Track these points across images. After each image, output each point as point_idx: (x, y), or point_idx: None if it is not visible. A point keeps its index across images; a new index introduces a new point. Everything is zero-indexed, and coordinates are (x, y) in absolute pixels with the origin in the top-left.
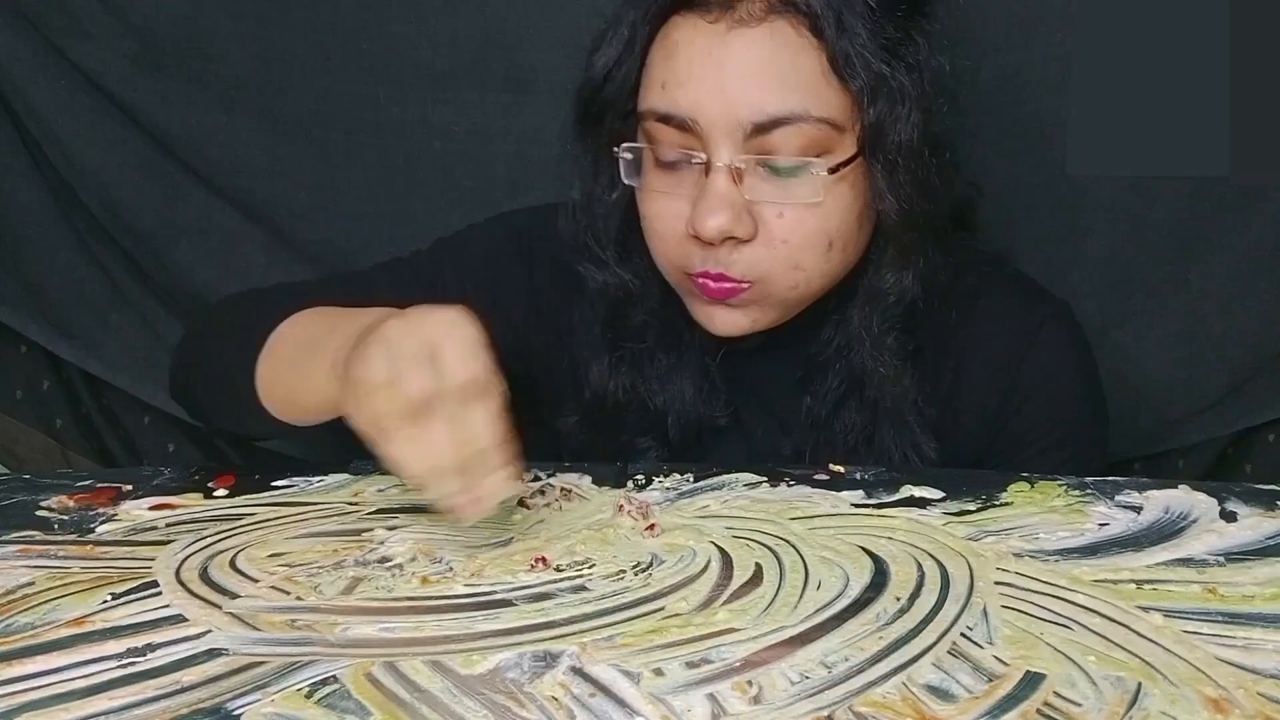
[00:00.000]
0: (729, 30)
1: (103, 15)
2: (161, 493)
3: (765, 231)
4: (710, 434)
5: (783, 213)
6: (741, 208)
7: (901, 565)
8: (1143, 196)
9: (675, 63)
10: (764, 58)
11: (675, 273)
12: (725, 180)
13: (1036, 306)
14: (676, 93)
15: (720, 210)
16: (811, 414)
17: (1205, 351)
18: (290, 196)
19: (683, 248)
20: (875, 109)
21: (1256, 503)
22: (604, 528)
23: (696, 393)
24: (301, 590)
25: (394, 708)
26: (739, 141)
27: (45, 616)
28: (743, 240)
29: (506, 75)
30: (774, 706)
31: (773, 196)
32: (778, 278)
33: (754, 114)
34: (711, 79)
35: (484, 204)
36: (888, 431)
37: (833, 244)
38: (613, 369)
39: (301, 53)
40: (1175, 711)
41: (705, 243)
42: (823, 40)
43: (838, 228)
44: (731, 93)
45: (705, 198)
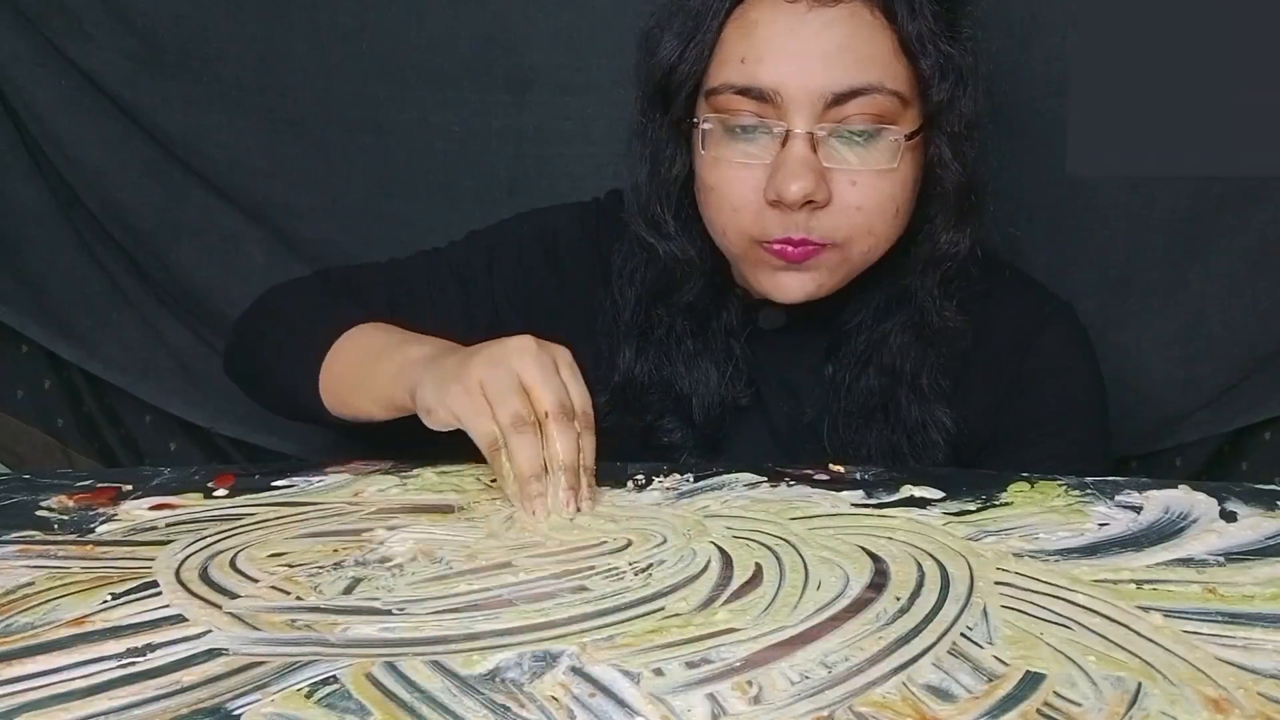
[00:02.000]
0: (808, 10)
1: (103, 15)
2: (161, 493)
3: (839, 199)
4: (732, 414)
5: (856, 180)
6: (820, 173)
7: (901, 565)
8: (1143, 196)
9: (755, 40)
10: (842, 35)
11: (744, 243)
12: (804, 147)
13: (1040, 305)
14: (758, 67)
15: (803, 175)
16: (834, 381)
17: (1203, 351)
18: (290, 196)
19: (759, 216)
20: (944, 86)
21: (1256, 503)
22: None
23: (720, 376)
24: (301, 590)
25: (394, 708)
26: (818, 112)
27: (45, 616)
28: (819, 206)
29: (506, 75)
30: (774, 706)
31: (847, 163)
32: (854, 242)
33: (834, 84)
34: (793, 53)
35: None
36: (905, 396)
37: (898, 210)
38: (640, 353)
39: (301, 53)
40: (1175, 711)
41: (784, 209)
42: (894, 23)
43: (902, 194)
44: (811, 66)
45: (787, 164)
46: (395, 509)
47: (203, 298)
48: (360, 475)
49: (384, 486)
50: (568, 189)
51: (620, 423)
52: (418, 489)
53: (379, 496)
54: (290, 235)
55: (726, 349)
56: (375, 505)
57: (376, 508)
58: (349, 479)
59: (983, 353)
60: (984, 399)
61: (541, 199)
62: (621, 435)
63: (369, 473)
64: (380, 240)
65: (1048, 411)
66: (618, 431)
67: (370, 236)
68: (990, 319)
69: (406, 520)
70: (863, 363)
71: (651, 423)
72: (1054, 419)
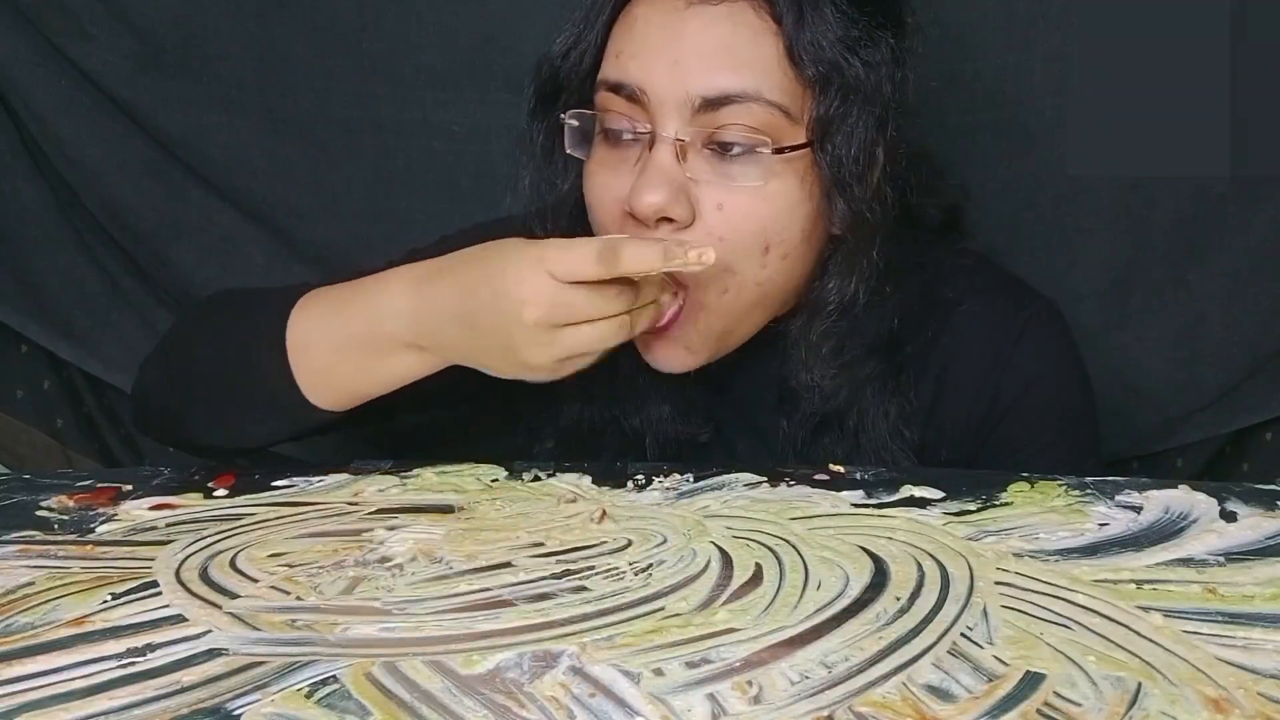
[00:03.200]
0: (688, 7)
1: (103, 15)
2: (161, 493)
3: (702, 223)
4: (692, 451)
5: (723, 204)
6: (681, 187)
7: (901, 565)
8: (1143, 196)
9: (633, 34)
10: (721, 35)
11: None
12: (668, 154)
13: (1018, 308)
14: (630, 63)
15: (659, 186)
16: (789, 438)
17: (1204, 351)
18: (290, 196)
19: (621, 229)
20: (827, 99)
21: (1256, 503)
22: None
23: (675, 411)
24: (301, 590)
25: (394, 708)
26: (686, 116)
27: (45, 616)
28: (679, 226)
29: (506, 75)
30: (774, 706)
31: (715, 178)
32: (708, 280)
33: (704, 88)
34: (665, 51)
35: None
36: (869, 454)
37: (769, 248)
38: (585, 393)
39: (301, 53)
40: (1175, 711)
41: (640, 224)
42: (781, 27)
43: (779, 230)
44: (684, 65)
45: (646, 171)
46: (395, 509)
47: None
48: (360, 475)
49: (384, 486)
50: None
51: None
52: (418, 489)
53: (379, 496)
54: (290, 235)
55: (678, 384)
56: (375, 505)
57: (376, 508)
58: (349, 479)
59: (956, 374)
60: (961, 423)
61: None
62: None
63: (369, 473)
64: (380, 240)
65: (1032, 428)
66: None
67: (370, 236)
68: (963, 332)
69: (406, 520)
70: (818, 424)
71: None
72: (1040, 435)
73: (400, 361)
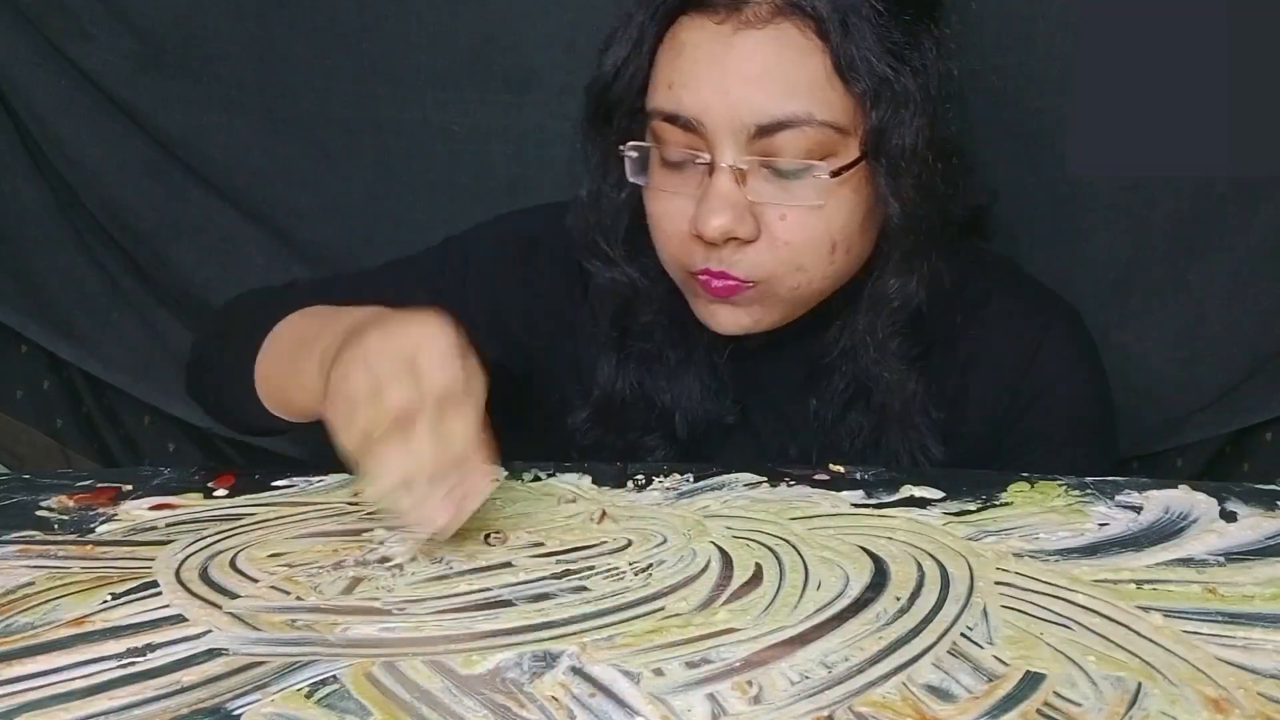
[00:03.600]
0: (735, 32)
1: (103, 15)
2: (161, 493)
3: (768, 233)
4: (718, 432)
5: (785, 215)
6: (744, 208)
7: (901, 565)
8: (1143, 196)
9: (681, 63)
10: (769, 60)
11: (680, 271)
12: (728, 181)
13: (1044, 310)
14: (682, 93)
15: (722, 211)
16: (818, 416)
17: (1204, 351)
18: (290, 196)
19: (687, 247)
20: (879, 112)
21: (1256, 503)
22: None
23: (704, 390)
24: (301, 590)
25: (394, 708)
26: (742, 143)
27: (45, 616)
28: (746, 241)
29: (506, 75)
30: (774, 706)
31: (775, 198)
32: (781, 278)
33: (757, 116)
34: (716, 80)
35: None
36: (895, 434)
37: (836, 246)
38: (620, 367)
39: (301, 53)
40: (1175, 711)
41: (708, 243)
42: (828, 43)
43: (841, 230)
44: (735, 95)
45: (708, 198)
46: None
47: (203, 298)
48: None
49: None
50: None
51: (600, 441)
52: None
53: None
54: (290, 235)
55: (709, 364)
56: (375, 505)
57: (376, 508)
58: (349, 479)
59: (983, 366)
60: (985, 415)
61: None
62: (602, 454)
63: None
64: (380, 240)
65: (1052, 426)
66: (598, 450)
67: (370, 236)
68: (989, 328)
69: None
70: (846, 399)
71: (633, 440)
72: (1059, 434)
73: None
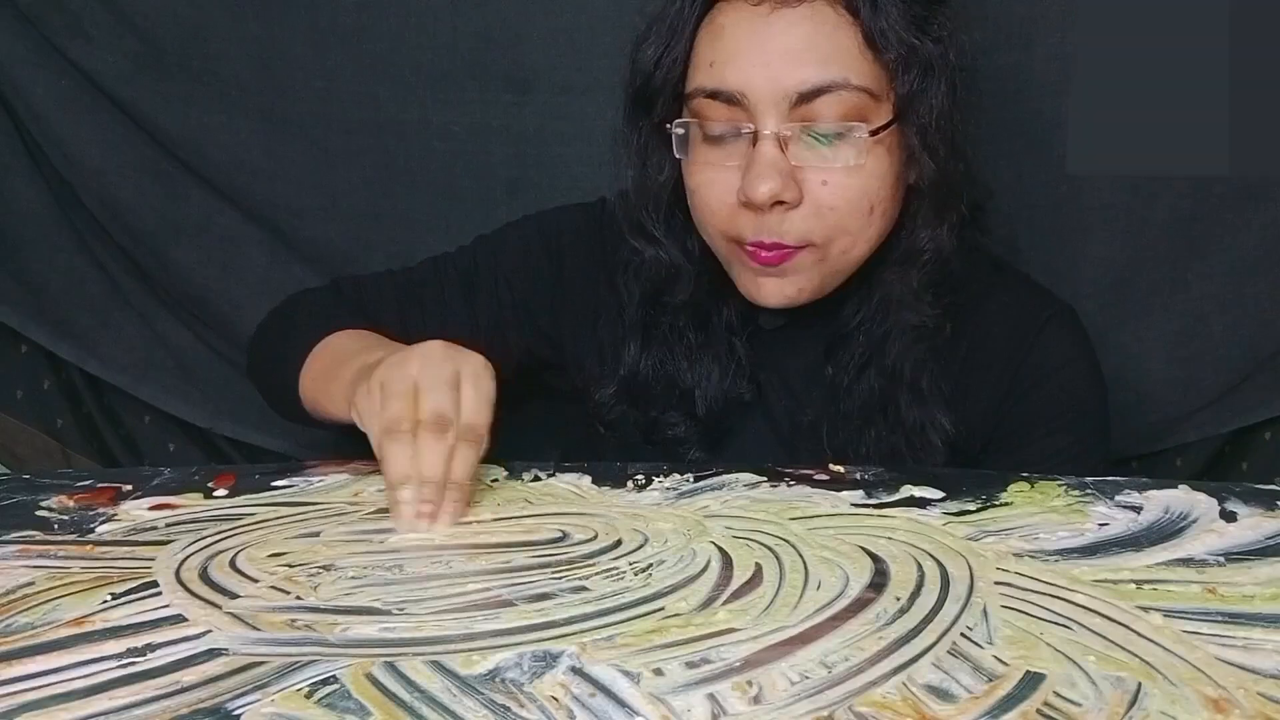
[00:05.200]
0: (771, 12)
1: (103, 15)
2: (161, 493)
3: (810, 199)
4: (736, 409)
5: (826, 179)
6: (788, 174)
7: (901, 565)
8: (1143, 196)
9: (722, 43)
10: (805, 34)
11: (725, 244)
12: (772, 148)
13: (1042, 306)
14: (725, 70)
15: (770, 176)
16: (833, 384)
17: (1203, 351)
18: (290, 196)
19: (734, 218)
20: (909, 78)
21: (1256, 503)
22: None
23: (723, 371)
24: (301, 590)
25: (394, 708)
26: (784, 111)
27: (45, 616)
28: (790, 206)
29: (506, 75)
30: (774, 706)
31: (817, 162)
32: (829, 242)
33: (798, 84)
34: (757, 55)
35: (484, 204)
36: (905, 399)
37: (873, 208)
38: (644, 349)
39: (301, 53)
40: (1175, 711)
41: (756, 210)
42: (858, 18)
43: (877, 192)
44: (776, 67)
45: (755, 165)
46: None
47: (203, 298)
48: (360, 475)
49: (384, 487)
50: (568, 189)
51: (625, 415)
52: None
53: (379, 496)
54: (290, 235)
55: (728, 345)
56: (375, 505)
57: (376, 508)
58: (349, 479)
59: (983, 354)
60: (984, 400)
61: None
62: (626, 429)
63: (369, 473)
64: (380, 240)
65: (1049, 409)
66: (623, 425)
67: (370, 236)
68: (990, 320)
69: None
70: (862, 365)
71: (656, 416)
72: (1055, 416)
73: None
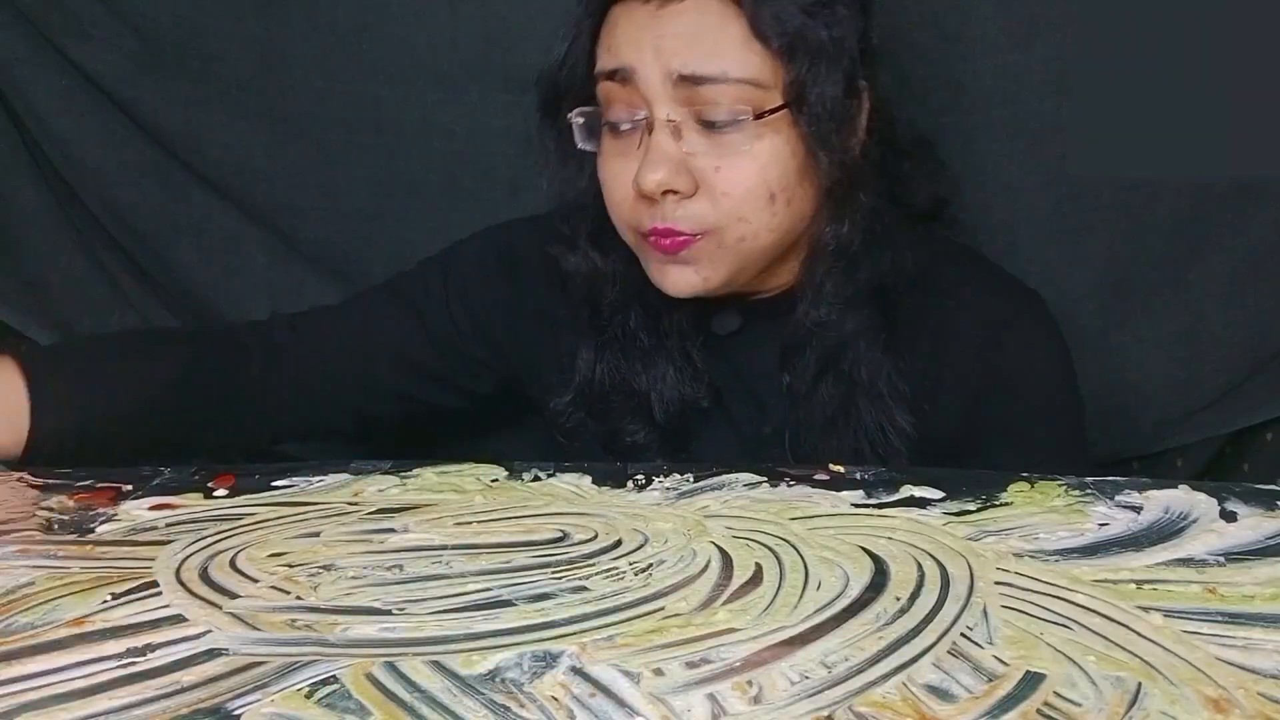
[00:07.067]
0: (659, 8)
1: (103, 15)
2: (161, 493)
3: (706, 186)
4: (695, 417)
5: (719, 167)
6: (680, 162)
7: (901, 565)
8: (1143, 196)
9: (616, 32)
10: (690, 26)
11: (632, 234)
12: (665, 136)
13: (1008, 299)
14: (619, 50)
15: (660, 164)
16: (791, 391)
17: (1204, 351)
18: (290, 196)
19: (635, 208)
20: (796, 65)
21: (1256, 503)
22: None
23: (678, 375)
24: (301, 590)
25: (394, 708)
26: (671, 95)
27: (45, 616)
28: (685, 195)
29: (506, 75)
30: (774, 706)
31: (708, 149)
32: (724, 230)
33: (680, 67)
34: (647, 38)
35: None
36: (864, 405)
37: (774, 196)
38: (598, 354)
39: (301, 53)
40: (1175, 711)
41: (650, 199)
42: (741, 8)
43: (778, 180)
44: (663, 48)
45: (648, 155)
46: (395, 509)
47: (203, 298)
48: (360, 475)
49: (384, 486)
50: None
51: (584, 424)
52: (418, 489)
53: (379, 496)
54: (290, 235)
55: (681, 350)
56: (375, 505)
57: (376, 508)
58: (349, 479)
59: (949, 351)
60: (952, 399)
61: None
62: (586, 439)
63: (369, 473)
64: (380, 240)
65: (1019, 414)
66: (582, 434)
67: (370, 236)
68: (955, 316)
69: (406, 520)
70: (818, 372)
71: (615, 425)
72: (1025, 421)
73: None
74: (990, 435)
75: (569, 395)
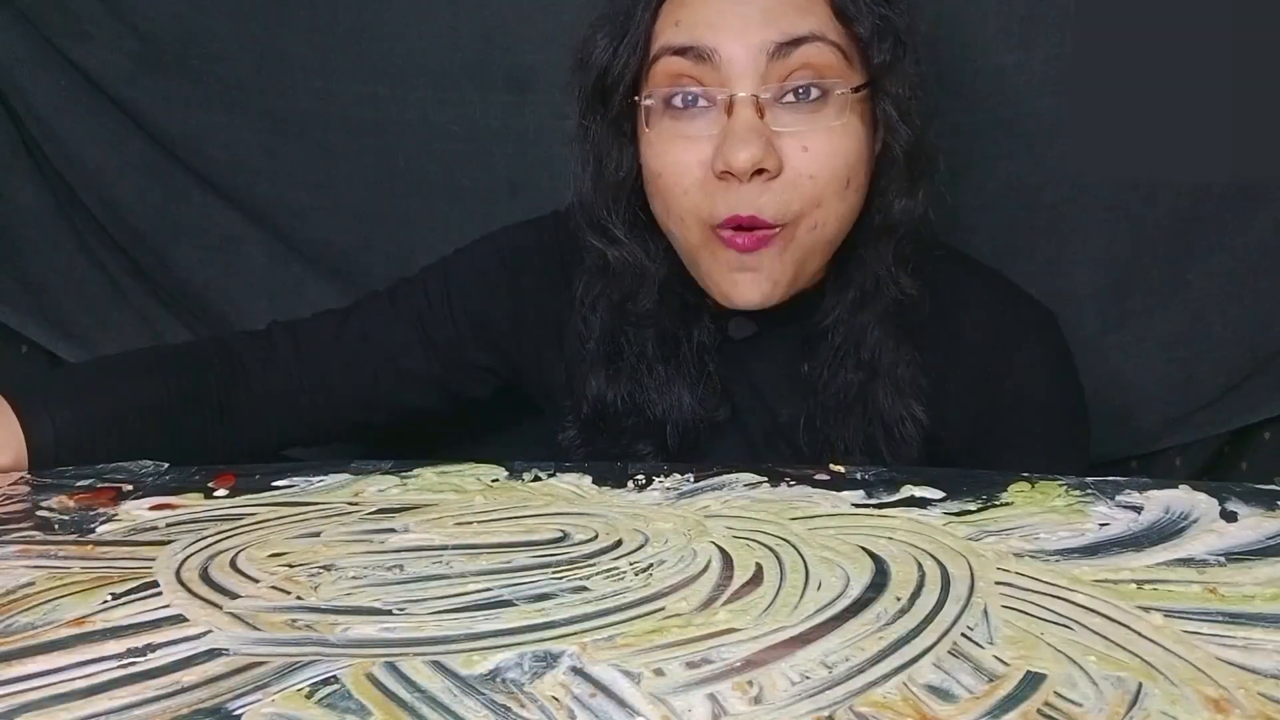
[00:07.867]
0: None
1: (103, 15)
2: (161, 493)
3: (790, 168)
4: (708, 430)
5: (808, 145)
6: (768, 140)
7: (902, 565)
8: (1143, 196)
9: (688, 8)
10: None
11: (698, 230)
12: (750, 112)
13: (1021, 316)
14: (693, 29)
15: (751, 141)
16: (809, 380)
17: (1203, 351)
18: (290, 196)
19: (708, 195)
20: (884, 47)
21: (1257, 503)
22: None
23: (694, 397)
24: (302, 590)
25: (394, 708)
26: (760, 70)
27: (45, 616)
28: (771, 176)
29: (506, 75)
30: (774, 707)
31: (797, 125)
32: (801, 220)
33: (776, 35)
34: (730, 11)
35: (484, 204)
36: (882, 393)
37: (849, 181)
38: (610, 381)
39: (301, 53)
40: (1176, 711)
41: (734, 182)
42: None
43: (854, 164)
44: (750, 20)
45: (734, 131)
46: (395, 509)
47: (203, 298)
48: (360, 475)
49: (384, 486)
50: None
51: (591, 445)
52: (418, 489)
53: (379, 496)
54: (290, 235)
55: (699, 365)
56: (375, 505)
57: (376, 508)
58: (349, 479)
59: (961, 362)
60: (962, 407)
61: (542, 199)
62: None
63: (369, 473)
64: (380, 240)
65: (1025, 433)
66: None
67: (370, 236)
68: (968, 329)
69: (407, 520)
70: (840, 358)
71: (625, 447)
72: (1032, 441)
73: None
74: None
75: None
